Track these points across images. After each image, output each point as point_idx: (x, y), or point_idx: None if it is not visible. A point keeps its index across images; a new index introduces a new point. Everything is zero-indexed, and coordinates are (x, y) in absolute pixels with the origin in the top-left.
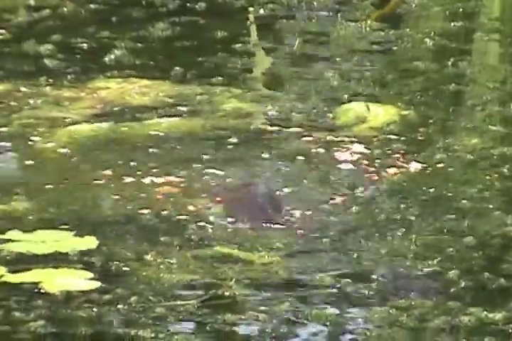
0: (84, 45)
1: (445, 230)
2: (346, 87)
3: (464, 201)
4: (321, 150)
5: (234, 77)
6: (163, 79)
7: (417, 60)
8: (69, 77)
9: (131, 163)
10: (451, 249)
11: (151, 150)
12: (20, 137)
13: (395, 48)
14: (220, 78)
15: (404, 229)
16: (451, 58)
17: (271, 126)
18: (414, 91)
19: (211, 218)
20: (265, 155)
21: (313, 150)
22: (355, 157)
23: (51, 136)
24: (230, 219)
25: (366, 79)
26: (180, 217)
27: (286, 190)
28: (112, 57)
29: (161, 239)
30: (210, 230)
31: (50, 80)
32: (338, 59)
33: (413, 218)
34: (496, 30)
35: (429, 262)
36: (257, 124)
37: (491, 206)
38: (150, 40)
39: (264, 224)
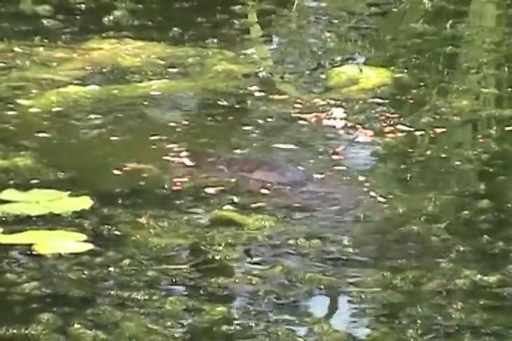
0: (83, 5)
1: (454, 192)
2: (342, 49)
3: (463, 163)
4: (307, 114)
5: (230, 39)
6: (160, 41)
7: (414, 22)
8: (64, 37)
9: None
10: (461, 212)
11: (140, 111)
12: (7, 99)
13: (393, 10)
14: (215, 40)
15: (411, 190)
16: (449, 20)
17: (259, 91)
18: (410, 53)
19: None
20: (249, 121)
21: (299, 114)
22: (342, 120)
23: (39, 98)
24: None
25: (363, 42)
26: (178, 181)
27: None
28: (111, 18)
29: (156, 202)
30: (207, 194)
31: (45, 40)
32: (335, 21)
33: (417, 178)
34: None
35: (436, 225)
36: (245, 87)
37: (490, 169)
38: (149, 1)
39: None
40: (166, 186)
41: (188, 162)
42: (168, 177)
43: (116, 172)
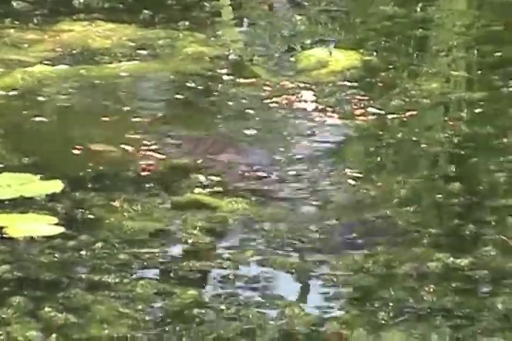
0: None
1: (423, 175)
2: (312, 31)
3: (434, 146)
4: (277, 97)
5: (201, 21)
6: (131, 23)
7: (385, 5)
8: (35, 19)
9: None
10: (432, 195)
11: (108, 92)
12: None
13: None
14: (186, 23)
15: (382, 173)
16: (419, 3)
17: (228, 73)
18: (379, 36)
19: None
20: (217, 103)
21: (268, 97)
22: (313, 103)
23: (4, 76)
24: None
25: (333, 24)
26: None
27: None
28: (81, 0)
29: (133, 186)
30: (176, 176)
31: (16, 22)
32: (305, 3)
33: (388, 162)
34: None
35: (404, 208)
36: (215, 69)
37: (461, 152)
38: None
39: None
40: (132, 168)
41: (153, 143)
42: (134, 159)
43: (82, 154)
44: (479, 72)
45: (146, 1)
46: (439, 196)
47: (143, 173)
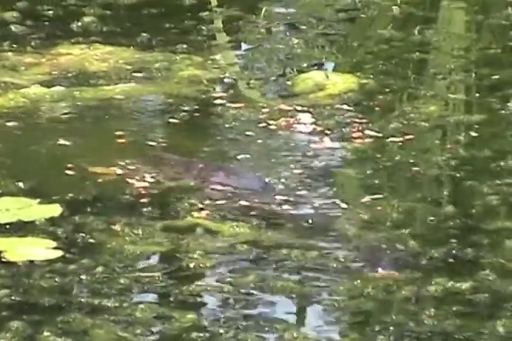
0: (51, 12)
1: (422, 198)
2: (309, 55)
3: (431, 169)
4: (273, 120)
5: (198, 44)
6: (129, 46)
7: (382, 28)
8: (33, 43)
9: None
10: (428, 218)
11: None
12: None
13: (361, 16)
14: (184, 46)
15: (376, 196)
16: (417, 26)
17: (223, 96)
18: (377, 59)
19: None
20: (210, 126)
21: (265, 120)
22: (311, 125)
23: None
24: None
25: (330, 48)
26: (149, 187)
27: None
28: (79, 24)
29: (131, 209)
30: (173, 199)
31: (14, 46)
32: (304, 27)
33: (384, 184)
34: None
35: (401, 231)
36: (210, 92)
37: (458, 174)
38: (117, 7)
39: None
40: (128, 192)
41: (147, 166)
42: (129, 182)
43: (77, 177)
44: (477, 94)
45: (144, 25)
46: (435, 219)
47: (138, 194)
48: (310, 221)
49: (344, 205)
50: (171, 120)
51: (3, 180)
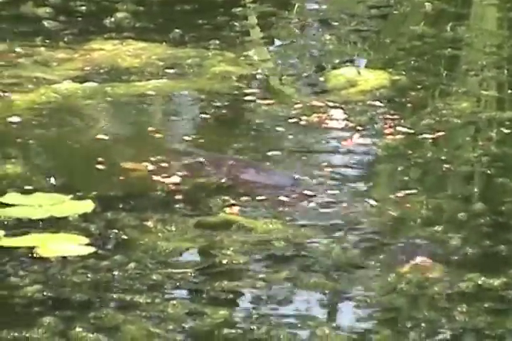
0: (83, 8)
1: (452, 195)
2: (341, 51)
3: (463, 165)
4: (306, 116)
5: (230, 40)
6: (161, 42)
7: (415, 25)
8: (66, 38)
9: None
10: (459, 215)
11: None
12: None
13: (394, 12)
14: (216, 42)
15: (407, 192)
16: (450, 23)
17: (256, 92)
18: (409, 55)
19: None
20: (243, 122)
21: (297, 116)
22: (344, 121)
23: (30, 93)
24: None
25: (362, 44)
26: (183, 183)
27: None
28: (112, 19)
29: (163, 205)
30: (217, 198)
31: (47, 41)
32: (336, 23)
33: (415, 181)
34: None
35: (433, 228)
36: (242, 88)
37: (489, 171)
38: (150, 3)
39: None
40: (159, 188)
41: (178, 162)
42: (160, 178)
43: (110, 173)
44: (509, 91)
45: (177, 21)
46: (466, 216)
47: (169, 190)
48: (341, 217)
49: (375, 202)
50: (203, 116)
51: (36, 176)
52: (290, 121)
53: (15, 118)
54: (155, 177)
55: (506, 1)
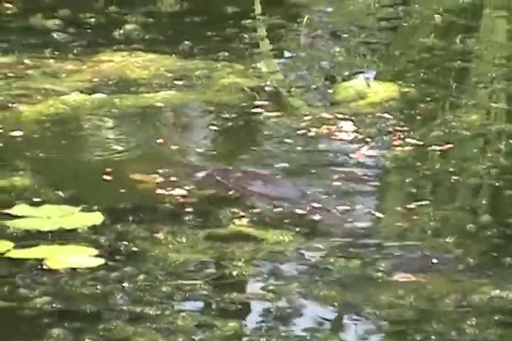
0: (93, 20)
1: (461, 206)
2: (351, 63)
3: (472, 177)
4: (315, 128)
5: (239, 52)
6: (171, 54)
7: (424, 37)
8: (75, 50)
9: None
10: (467, 226)
11: (142, 122)
12: (5, 106)
13: (403, 25)
14: (226, 54)
15: (416, 204)
16: (459, 35)
17: (264, 104)
18: (418, 67)
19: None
20: (250, 134)
21: (306, 128)
22: (353, 133)
23: (38, 104)
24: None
25: (372, 56)
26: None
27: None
28: (121, 31)
29: (172, 217)
30: (213, 207)
31: (56, 53)
32: (345, 35)
33: (424, 193)
34: (504, 6)
35: (441, 240)
36: (251, 100)
37: (497, 184)
38: (160, 15)
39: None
40: (168, 200)
41: (186, 174)
42: (168, 190)
43: (116, 185)
44: None
45: (186, 33)
46: (474, 228)
47: (177, 202)
48: (350, 230)
49: (384, 214)
50: (211, 127)
51: (44, 187)
52: (299, 132)
53: (23, 130)
54: (163, 190)
55: None
